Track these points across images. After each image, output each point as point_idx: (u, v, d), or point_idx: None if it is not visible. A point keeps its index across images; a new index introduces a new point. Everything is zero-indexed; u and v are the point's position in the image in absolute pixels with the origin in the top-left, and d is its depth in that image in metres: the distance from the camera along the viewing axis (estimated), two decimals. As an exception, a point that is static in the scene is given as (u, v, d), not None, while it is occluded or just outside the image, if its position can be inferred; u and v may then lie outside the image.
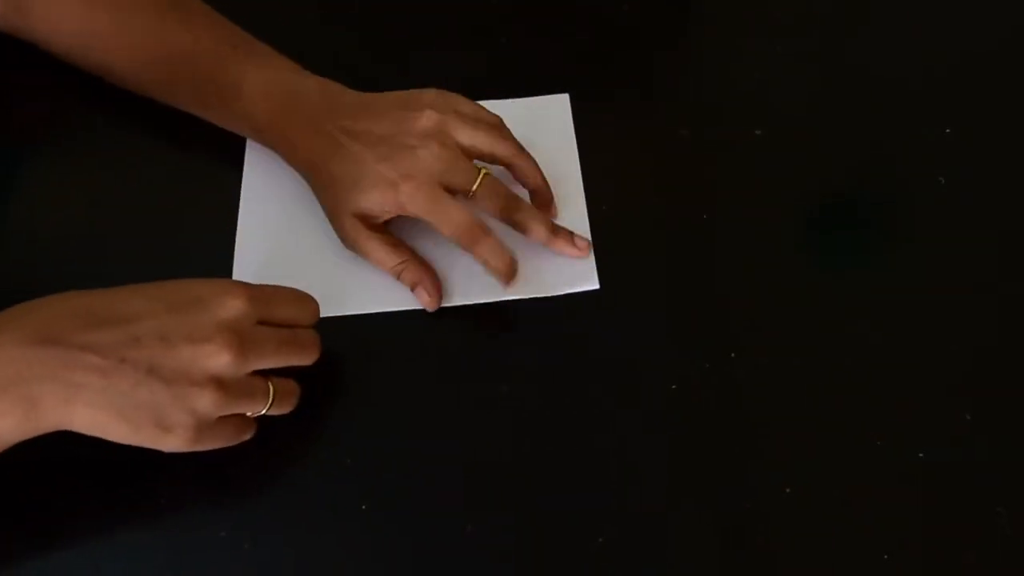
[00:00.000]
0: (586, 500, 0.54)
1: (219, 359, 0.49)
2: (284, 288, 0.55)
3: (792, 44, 0.75)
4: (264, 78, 0.62)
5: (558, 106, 0.68)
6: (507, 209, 0.60)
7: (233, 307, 0.50)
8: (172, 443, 0.49)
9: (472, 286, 0.61)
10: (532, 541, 0.53)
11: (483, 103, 0.62)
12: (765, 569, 0.53)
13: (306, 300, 0.55)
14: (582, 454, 0.55)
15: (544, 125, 0.67)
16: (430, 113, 0.59)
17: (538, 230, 0.61)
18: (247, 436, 0.53)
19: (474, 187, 0.59)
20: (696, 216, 0.65)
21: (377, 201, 0.58)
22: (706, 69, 0.74)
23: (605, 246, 0.63)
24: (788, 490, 0.54)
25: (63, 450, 0.52)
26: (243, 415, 0.53)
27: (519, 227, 0.61)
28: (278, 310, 0.53)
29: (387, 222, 0.61)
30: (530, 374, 0.58)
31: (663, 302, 0.61)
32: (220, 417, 0.50)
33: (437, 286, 0.60)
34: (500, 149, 0.61)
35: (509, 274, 0.60)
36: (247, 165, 0.66)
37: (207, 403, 0.49)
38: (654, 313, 0.61)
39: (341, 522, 0.53)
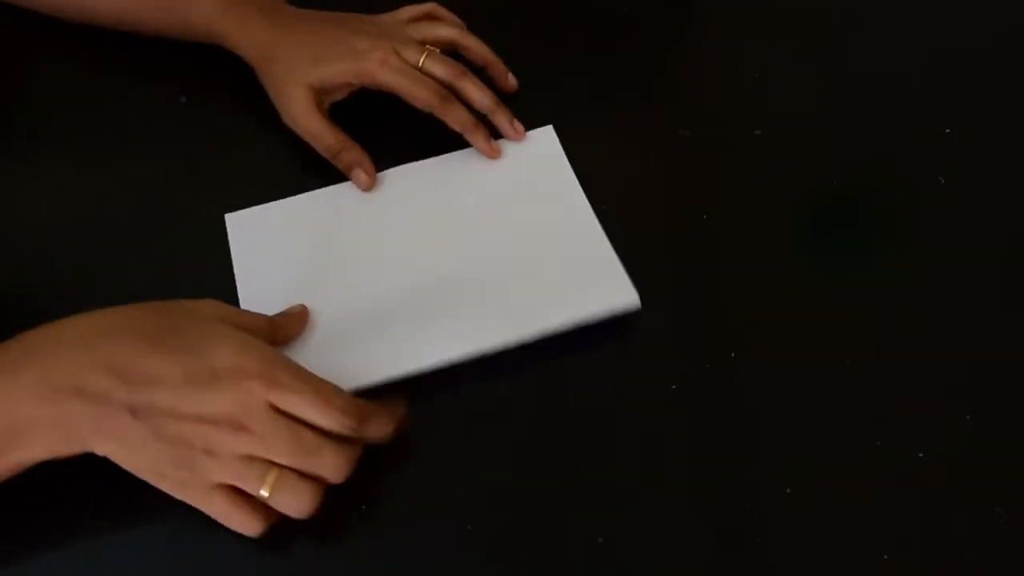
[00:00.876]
0: (586, 500, 0.54)
1: (221, 440, 0.48)
2: (318, 383, 0.50)
3: (792, 44, 0.75)
4: None
5: (545, 139, 0.67)
6: (455, 75, 0.65)
7: (246, 391, 0.48)
8: (164, 486, 0.49)
9: (507, 324, 0.58)
10: (532, 541, 0.53)
11: (468, 151, 0.66)
12: (765, 569, 0.53)
13: (335, 409, 0.49)
14: (582, 454, 0.55)
15: (538, 163, 0.66)
16: (384, 16, 0.68)
17: (481, 97, 0.65)
18: (246, 524, 0.49)
19: (422, 59, 0.64)
20: (696, 216, 0.65)
21: (341, 67, 0.63)
22: (706, 69, 0.74)
23: (605, 246, 0.63)
24: (788, 490, 0.54)
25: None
26: (250, 498, 0.49)
27: (466, 93, 0.65)
28: (300, 410, 0.49)
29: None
30: (529, 374, 0.58)
31: (663, 302, 0.61)
32: (215, 488, 0.49)
33: (373, 169, 0.63)
34: (444, 32, 0.68)
35: (478, 125, 0.64)
36: (232, 240, 0.63)
37: (199, 468, 0.48)
38: (654, 313, 0.61)
39: (341, 522, 0.53)
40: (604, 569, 0.52)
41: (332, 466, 0.49)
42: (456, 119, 0.64)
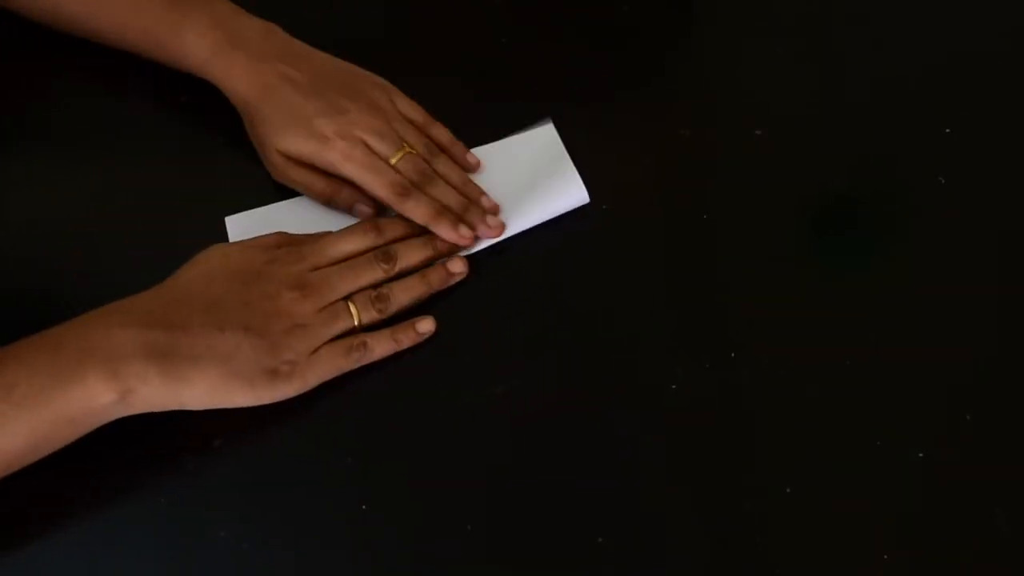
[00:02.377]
0: (586, 500, 0.54)
1: (292, 307, 0.55)
2: (334, 234, 0.60)
3: (792, 44, 0.75)
4: (211, 12, 0.64)
5: (546, 137, 0.67)
6: (424, 179, 0.63)
7: (287, 265, 0.57)
8: (283, 381, 0.54)
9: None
10: (532, 541, 0.53)
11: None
12: (765, 569, 0.53)
13: (350, 232, 0.61)
14: (582, 454, 0.55)
15: (540, 161, 0.66)
16: (372, 86, 0.65)
17: (450, 196, 0.63)
18: (358, 356, 0.57)
19: (395, 159, 0.62)
20: (696, 216, 0.65)
21: (307, 150, 0.62)
22: (706, 69, 0.74)
23: (605, 246, 0.63)
24: (788, 490, 0.54)
25: (62, 450, 0.52)
26: (344, 341, 0.57)
27: (435, 194, 0.63)
28: (331, 252, 0.59)
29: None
30: (530, 374, 0.58)
31: (663, 302, 0.61)
32: (318, 350, 0.56)
33: (370, 199, 0.63)
34: (435, 132, 0.66)
35: (440, 215, 0.62)
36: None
37: (296, 340, 0.55)
38: (654, 312, 0.61)
39: (341, 522, 0.53)
40: (604, 569, 0.52)
41: (374, 270, 0.59)
42: (417, 213, 0.61)
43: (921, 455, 0.56)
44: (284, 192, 0.65)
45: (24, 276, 0.62)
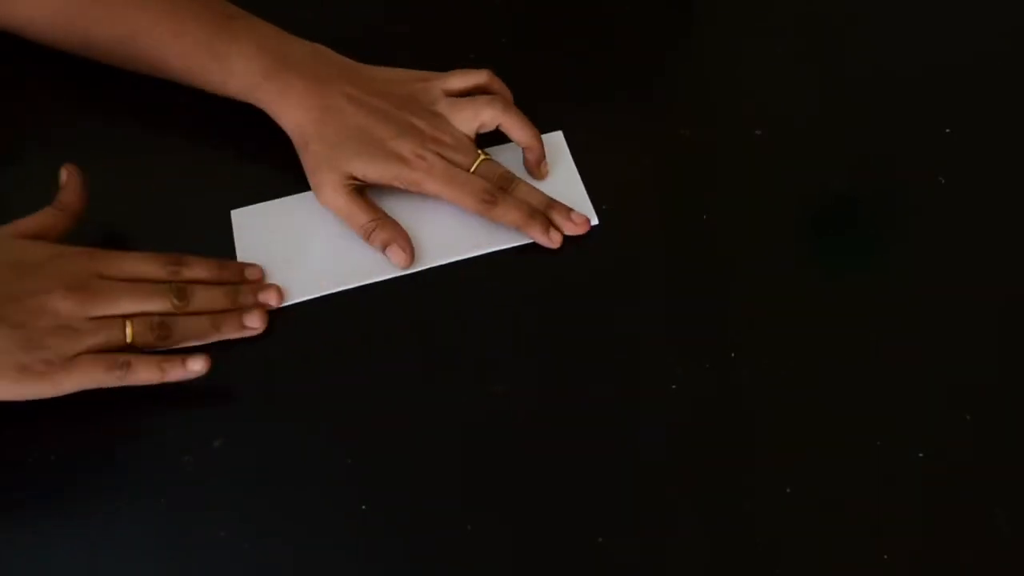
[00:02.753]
0: (586, 500, 0.54)
1: (59, 304, 0.53)
2: (134, 253, 0.58)
3: (792, 44, 0.75)
4: (257, 36, 0.63)
5: (554, 145, 0.67)
6: (505, 182, 0.63)
7: (71, 262, 0.55)
8: (31, 380, 0.52)
9: (448, 245, 0.63)
10: (532, 541, 0.53)
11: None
12: (765, 569, 0.53)
13: (153, 257, 0.58)
14: (582, 454, 0.55)
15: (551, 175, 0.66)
16: (425, 89, 0.64)
17: (532, 196, 0.63)
18: (116, 375, 0.54)
19: (474, 167, 0.62)
20: (696, 216, 0.65)
21: (388, 173, 0.61)
22: (706, 69, 0.74)
23: (605, 245, 0.63)
24: (788, 490, 0.54)
25: (62, 449, 0.52)
26: (108, 356, 0.54)
27: (518, 196, 0.63)
28: (124, 268, 0.57)
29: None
30: (529, 374, 0.58)
31: (663, 302, 0.61)
32: (78, 356, 0.53)
33: (410, 245, 0.61)
34: (488, 116, 0.64)
35: (534, 221, 0.62)
36: (237, 236, 0.64)
37: (54, 338, 0.52)
38: (654, 313, 0.61)
39: (341, 522, 0.53)
40: (604, 569, 0.52)
41: (162, 298, 0.57)
42: (508, 218, 0.62)
43: (921, 455, 0.56)
44: (287, 189, 0.65)
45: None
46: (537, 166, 0.65)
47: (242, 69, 0.63)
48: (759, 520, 0.54)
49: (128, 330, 0.55)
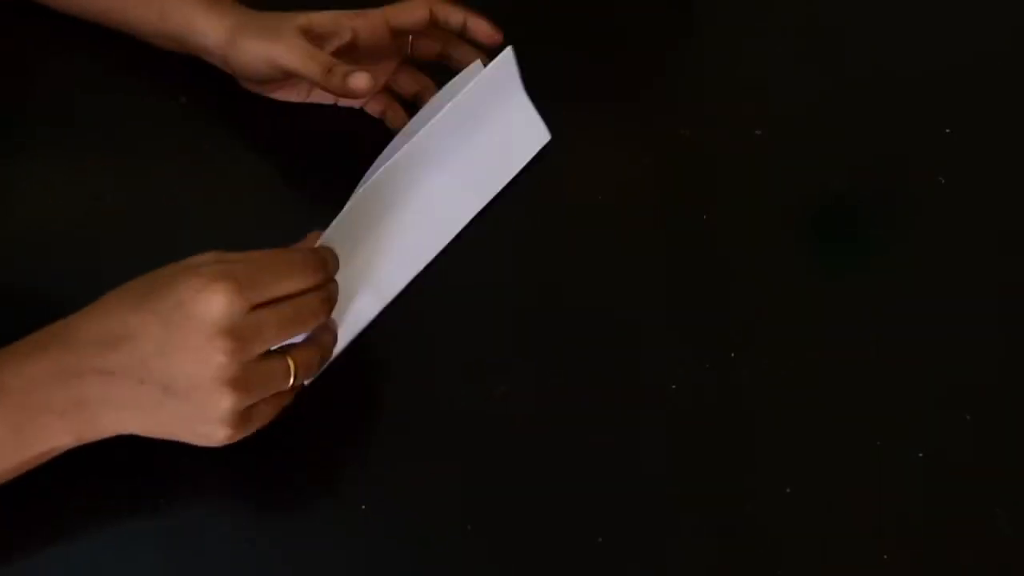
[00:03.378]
0: (586, 500, 0.54)
1: (218, 361, 0.47)
2: (275, 256, 0.51)
3: (792, 44, 0.75)
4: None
5: (503, 70, 0.66)
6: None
7: (217, 306, 0.47)
8: (214, 443, 0.50)
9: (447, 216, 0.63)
10: (532, 541, 0.53)
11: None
12: (765, 569, 0.53)
13: (299, 265, 0.51)
14: (582, 454, 0.55)
15: (497, 100, 0.66)
16: None
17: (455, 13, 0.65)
18: (286, 402, 0.53)
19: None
20: (696, 216, 0.65)
21: (333, 13, 0.63)
22: (706, 69, 0.74)
23: (605, 245, 0.63)
24: (788, 490, 0.54)
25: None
26: (283, 395, 0.52)
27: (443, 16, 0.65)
28: (271, 288, 0.49)
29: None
30: (529, 374, 0.58)
31: (663, 302, 0.61)
32: (254, 406, 0.50)
33: (369, 75, 0.61)
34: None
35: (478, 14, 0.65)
36: None
37: (227, 405, 0.48)
38: (654, 313, 0.61)
39: (342, 522, 0.53)
40: (604, 569, 0.52)
41: (318, 310, 0.51)
42: (455, 15, 0.65)
43: (921, 455, 0.56)
44: (283, 191, 0.65)
45: (24, 276, 0.62)
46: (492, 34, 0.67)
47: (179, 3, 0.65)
48: (759, 520, 0.54)
49: (292, 374, 0.50)
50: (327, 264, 0.53)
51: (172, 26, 0.66)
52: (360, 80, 0.60)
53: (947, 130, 0.69)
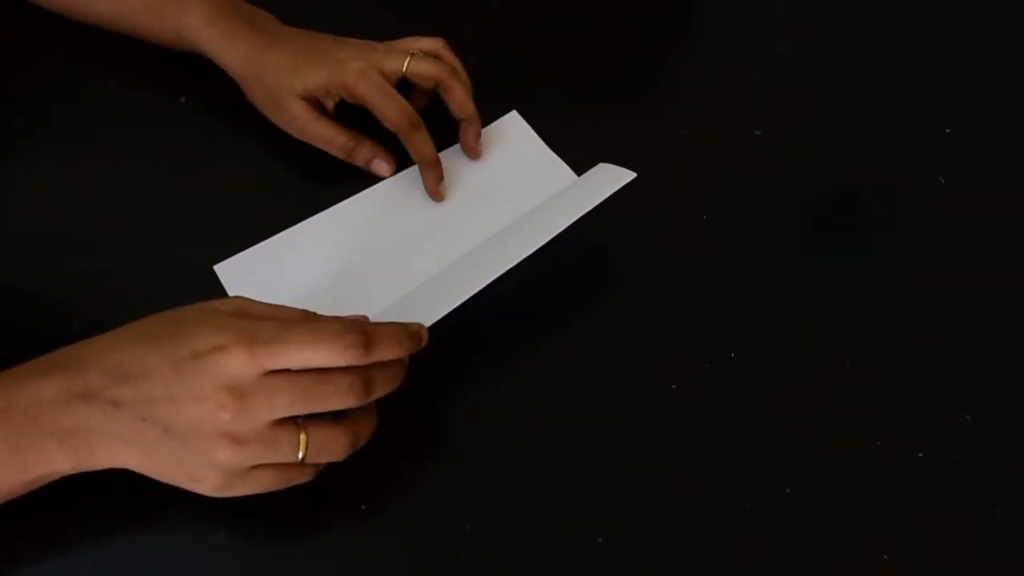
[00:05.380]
0: (586, 500, 0.54)
1: (221, 416, 0.47)
2: (305, 322, 0.49)
3: (792, 44, 0.75)
4: None
5: (512, 125, 0.68)
6: (444, 73, 0.65)
7: (231, 363, 0.46)
8: (204, 490, 0.49)
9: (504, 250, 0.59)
10: (532, 541, 0.53)
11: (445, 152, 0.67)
12: (765, 569, 0.53)
13: (330, 338, 0.47)
14: (582, 454, 0.55)
15: (512, 146, 0.67)
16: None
17: (465, 102, 0.65)
18: (300, 480, 0.50)
19: (405, 67, 0.64)
20: (696, 216, 0.65)
21: (322, 77, 0.63)
22: (706, 69, 0.74)
23: (605, 245, 0.63)
24: (788, 490, 0.54)
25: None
26: (292, 468, 0.49)
27: (451, 93, 0.65)
28: (289, 356, 0.47)
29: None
30: (529, 374, 0.58)
31: (663, 302, 0.61)
32: (254, 469, 0.48)
33: (389, 156, 0.65)
34: (432, 70, 0.65)
35: (437, 163, 0.64)
36: (229, 290, 0.61)
37: (223, 456, 0.47)
38: (654, 313, 0.61)
39: (341, 522, 0.53)
40: (604, 569, 0.52)
41: (345, 392, 0.47)
42: (418, 151, 0.64)
43: (921, 455, 0.56)
44: (283, 192, 0.65)
45: (24, 276, 0.62)
46: (475, 141, 0.66)
47: (190, 13, 0.65)
48: (759, 520, 0.54)
49: (301, 449, 0.48)
50: (370, 344, 0.48)
51: (189, 46, 0.67)
52: (382, 168, 0.65)
53: (947, 130, 0.69)
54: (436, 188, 0.64)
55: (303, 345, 0.47)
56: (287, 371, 0.47)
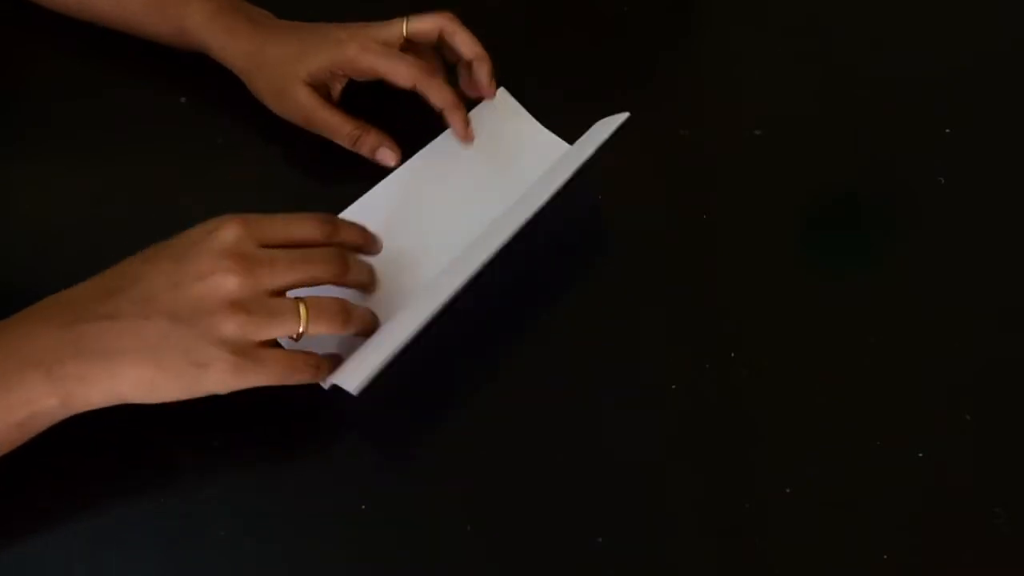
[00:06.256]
0: (586, 500, 0.54)
1: (226, 283, 0.48)
2: (287, 214, 0.53)
3: (792, 44, 0.75)
4: None
5: (503, 102, 0.68)
6: (444, 21, 0.65)
7: (228, 234, 0.49)
8: (216, 379, 0.49)
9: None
10: (532, 541, 0.53)
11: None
12: (765, 569, 0.53)
13: (308, 218, 0.53)
14: (582, 454, 0.55)
15: (504, 124, 0.67)
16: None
17: (472, 45, 0.65)
18: (307, 374, 0.51)
19: (404, 29, 0.64)
20: (696, 216, 0.65)
21: (326, 58, 0.63)
22: (706, 69, 0.74)
23: (605, 245, 0.63)
24: (788, 490, 0.54)
25: (62, 449, 0.52)
26: (297, 354, 0.51)
27: (455, 39, 0.65)
28: (280, 230, 0.51)
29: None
30: (529, 374, 0.58)
31: (663, 302, 0.61)
32: (261, 347, 0.49)
33: (395, 144, 0.65)
34: (432, 21, 0.65)
35: (460, 106, 0.64)
36: None
37: (230, 328, 0.48)
38: (654, 313, 0.61)
39: (341, 522, 0.53)
40: (604, 569, 0.52)
41: (329, 261, 0.52)
42: (439, 96, 0.63)
43: (921, 455, 0.56)
44: (283, 192, 0.65)
45: (24, 276, 0.62)
46: (489, 79, 0.66)
47: (192, 10, 0.65)
48: (759, 520, 0.54)
49: (303, 312, 0.50)
50: (337, 225, 0.54)
51: (191, 43, 0.67)
52: (387, 157, 0.65)
53: (947, 130, 0.69)
54: (464, 131, 0.64)
55: (287, 219, 0.52)
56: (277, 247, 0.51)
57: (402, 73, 0.63)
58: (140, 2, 0.67)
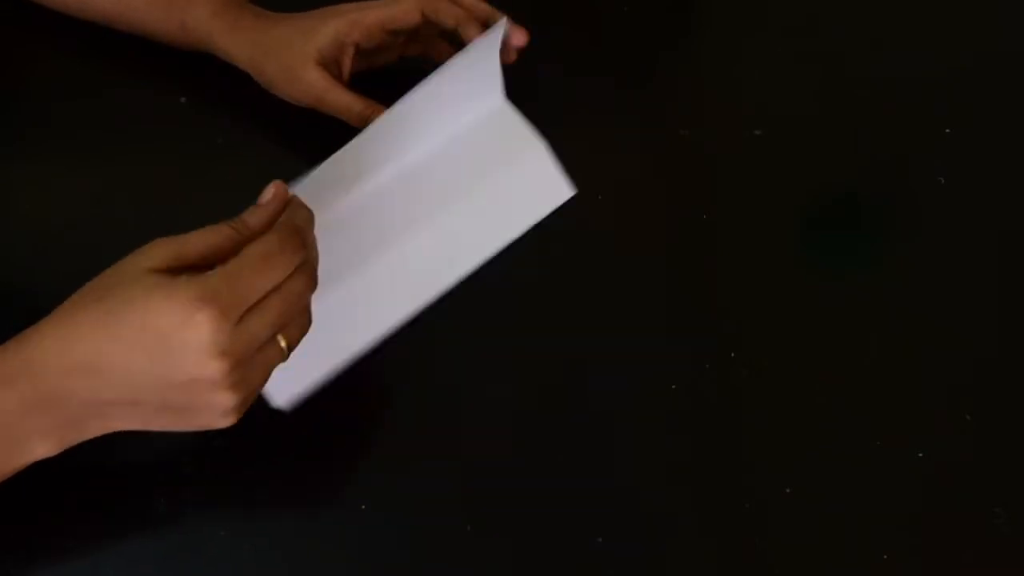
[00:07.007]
0: (586, 500, 0.54)
1: (216, 380, 0.45)
2: (249, 255, 0.47)
3: (792, 44, 0.75)
4: None
5: (503, 116, 0.66)
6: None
7: (205, 335, 0.44)
8: (215, 427, 0.48)
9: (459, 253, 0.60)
10: (532, 541, 0.53)
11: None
12: (765, 569, 0.53)
13: (276, 253, 0.47)
14: (582, 454, 0.55)
15: (510, 155, 0.65)
16: None
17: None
18: (280, 362, 0.49)
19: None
20: (696, 216, 0.65)
21: (333, 30, 0.63)
22: (706, 69, 0.74)
23: (605, 245, 0.63)
24: (788, 490, 0.54)
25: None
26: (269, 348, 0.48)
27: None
28: (253, 294, 0.46)
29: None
30: (529, 374, 0.58)
31: (663, 302, 0.61)
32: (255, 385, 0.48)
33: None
34: None
35: (472, 21, 0.64)
36: None
37: (229, 402, 0.46)
38: (654, 313, 0.61)
39: (341, 522, 0.53)
40: (604, 569, 0.52)
41: (308, 291, 0.49)
42: (449, 13, 0.64)
43: (921, 455, 0.56)
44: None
45: (24, 276, 0.62)
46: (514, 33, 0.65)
47: (196, 6, 0.65)
48: (759, 520, 0.54)
49: (283, 344, 0.48)
50: (304, 232, 0.49)
51: (195, 40, 0.67)
52: None
53: (947, 130, 0.69)
54: (484, 37, 0.62)
55: (259, 274, 0.46)
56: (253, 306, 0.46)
57: (406, 9, 0.63)
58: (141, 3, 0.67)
